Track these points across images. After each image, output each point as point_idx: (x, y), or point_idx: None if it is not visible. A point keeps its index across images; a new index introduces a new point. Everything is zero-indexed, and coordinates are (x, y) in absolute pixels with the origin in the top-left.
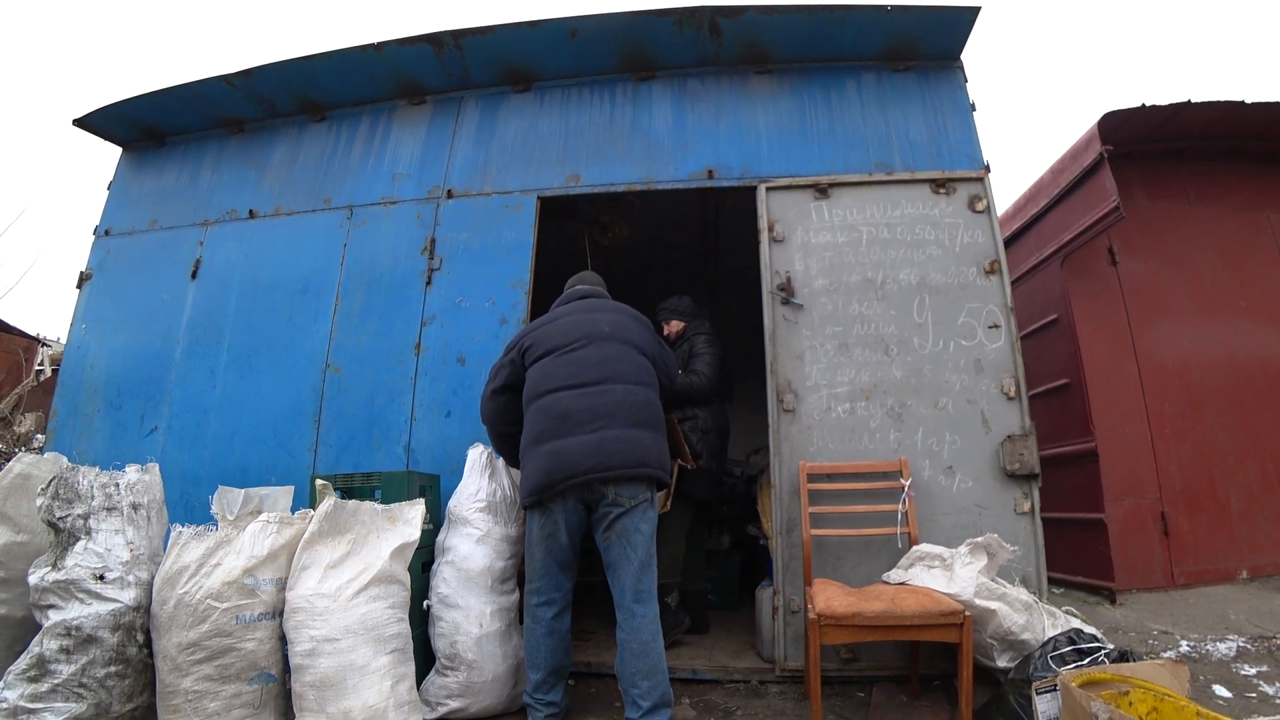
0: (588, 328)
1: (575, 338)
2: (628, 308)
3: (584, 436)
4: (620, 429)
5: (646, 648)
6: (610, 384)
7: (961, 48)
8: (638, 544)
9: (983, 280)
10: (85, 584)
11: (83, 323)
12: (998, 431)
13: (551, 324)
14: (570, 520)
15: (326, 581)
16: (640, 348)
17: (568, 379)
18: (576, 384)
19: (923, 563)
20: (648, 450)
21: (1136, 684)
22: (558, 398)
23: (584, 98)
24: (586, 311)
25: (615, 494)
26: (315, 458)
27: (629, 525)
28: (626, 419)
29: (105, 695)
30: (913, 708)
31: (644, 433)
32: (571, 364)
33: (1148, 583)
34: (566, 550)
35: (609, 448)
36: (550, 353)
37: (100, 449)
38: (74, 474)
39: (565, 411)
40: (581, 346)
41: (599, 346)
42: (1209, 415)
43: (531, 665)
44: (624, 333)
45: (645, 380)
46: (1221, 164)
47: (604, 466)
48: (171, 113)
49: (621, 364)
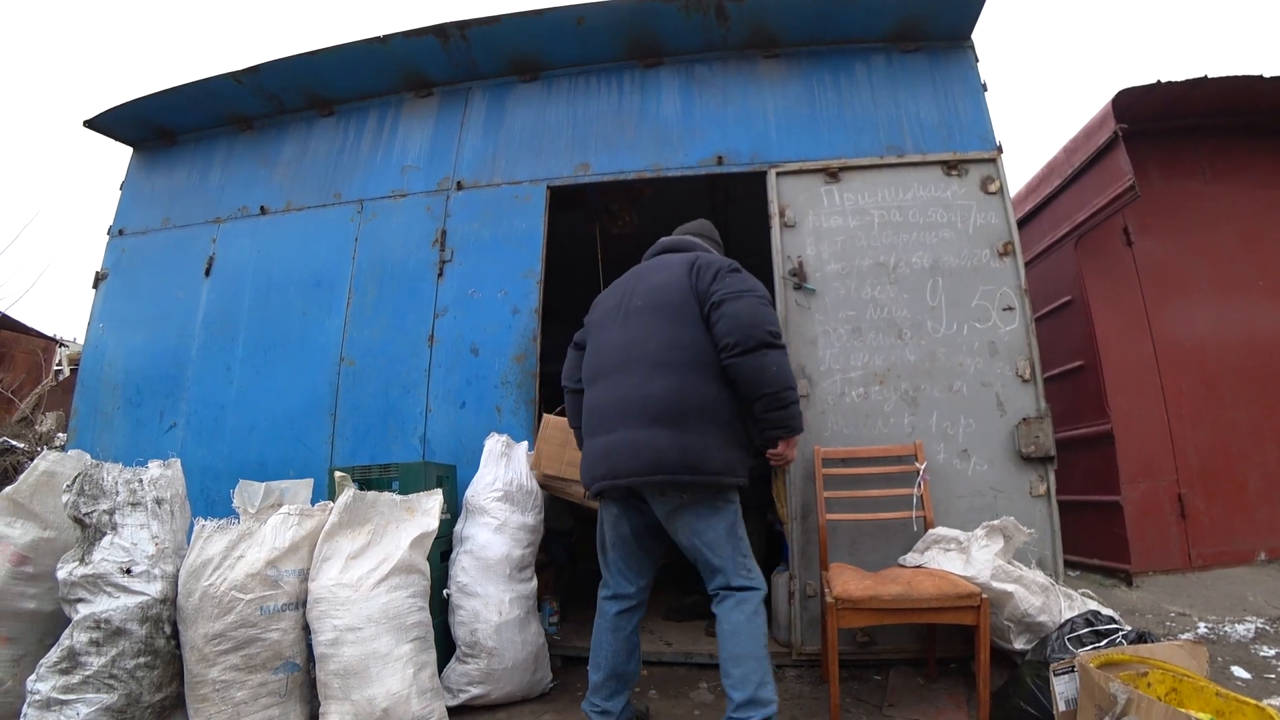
0: (625, 298)
1: (612, 315)
2: (693, 258)
3: (602, 439)
4: (633, 430)
5: (736, 630)
6: (627, 372)
7: (972, 27)
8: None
9: (996, 262)
10: (113, 578)
11: (100, 322)
12: (1012, 414)
13: (609, 290)
14: (630, 515)
15: (348, 572)
16: (685, 310)
17: (597, 369)
18: (601, 375)
19: (939, 546)
20: (660, 452)
21: (1155, 665)
22: (590, 394)
23: (592, 86)
24: (636, 277)
25: (654, 498)
26: (332, 450)
27: (681, 524)
28: (641, 416)
29: (135, 686)
30: (930, 690)
31: (661, 432)
32: (603, 349)
33: (1164, 565)
34: (630, 545)
35: (617, 453)
36: (594, 330)
37: (121, 445)
38: (98, 470)
39: (591, 408)
40: (612, 324)
41: (625, 325)
42: (1226, 396)
43: (592, 664)
44: (663, 297)
45: (677, 359)
46: (1239, 140)
47: (615, 474)
48: (181, 111)
49: (647, 344)
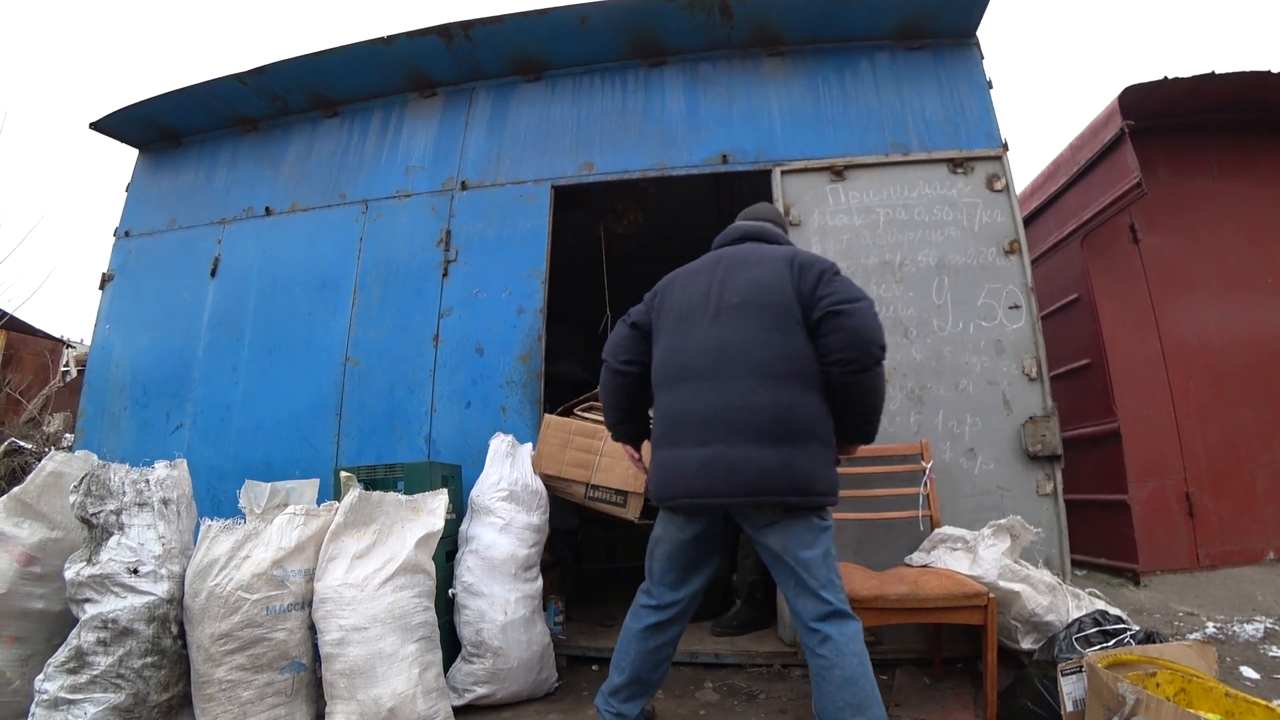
0: (716, 295)
1: (698, 310)
2: (791, 254)
3: (694, 450)
4: (736, 446)
5: (853, 675)
6: (726, 380)
7: (977, 24)
8: (807, 563)
9: (1002, 260)
10: (120, 578)
11: (106, 323)
12: (1019, 413)
13: (683, 280)
14: (697, 523)
15: (353, 572)
16: (791, 317)
17: (682, 370)
18: (689, 377)
19: (945, 545)
20: (767, 474)
21: (1164, 665)
22: (672, 397)
23: (596, 85)
24: (723, 269)
25: (738, 514)
26: (337, 450)
27: (786, 543)
28: (744, 431)
29: (142, 685)
30: (936, 690)
31: (768, 450)
32: (689, 346)
33: (1172, 564)
34: (688, 553)
35: (718, 470)
36: (672, 321)
37: (128, 446)
38: (105, 471)
39: (678, 416)
40: (699, 318)
41: (719, 323)
42: (1234, 394)
43: (615, 665)
44: (766, 297)
45: (789, 370)
46: (1247, 137)
47: (714, 492)
48: (186, 113)
49: (751, 350)
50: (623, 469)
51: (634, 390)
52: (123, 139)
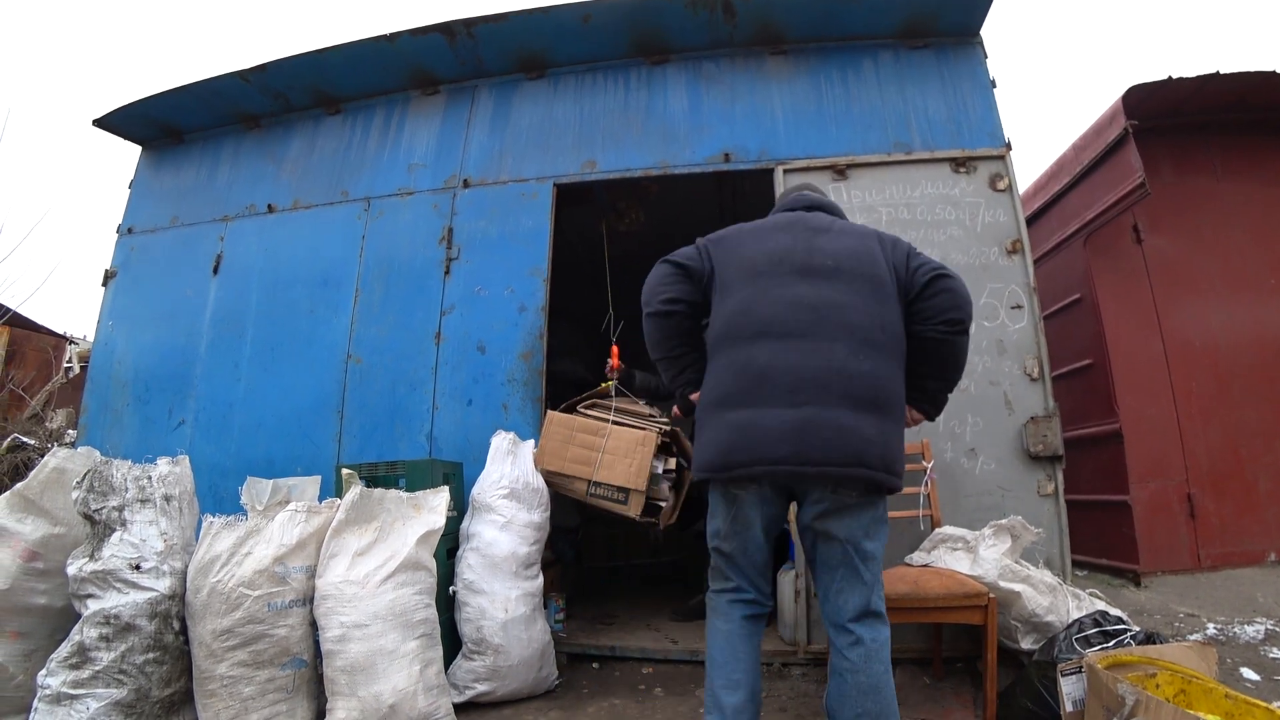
0: (804, 254)
1: (785, 266)
2: (873, 230)
3: (783, 411)
4: (837, 409)
5: (876, 684)
6: (829, 341)
7: (981, 23)
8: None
9: (1004, 260)
10: (122, 574)
11: (109, 320)
12: (1020, 413)
13: (755, 235)
14: (767, 511)
15: (355, 569)
16: (886, 289)
17: (765, 324)
18: (774, 334)
19: (946, 545)
20: (867, 443)
21: (1164, 666)
22: (751, 352)
23: (598, 83)
24: (806, 230)
25: (820, 492)
26: (339, 448)
27: (854, 530)
28: (843, 396)
29: (144, 681)
30: (936, 689)
31: (865, 419)
32: (775, 303)
33: (1173, 565)
34: (763, 547)
35: (813, 435)
36: (746, 274)
37: (130, 443)
38: (107, 467)
39: (763, 372)
40: (783, 274)
41: (813, 282)
42: (1237, 395)
43: (725, 683)
44: (862, 266)
45: (883, 341)
46: (1251, 137)
47: (803, 459)
48: (188, 110)
49: (852, 314)
50: (624, 466)
51: (688, 330)
52: (125, 136)
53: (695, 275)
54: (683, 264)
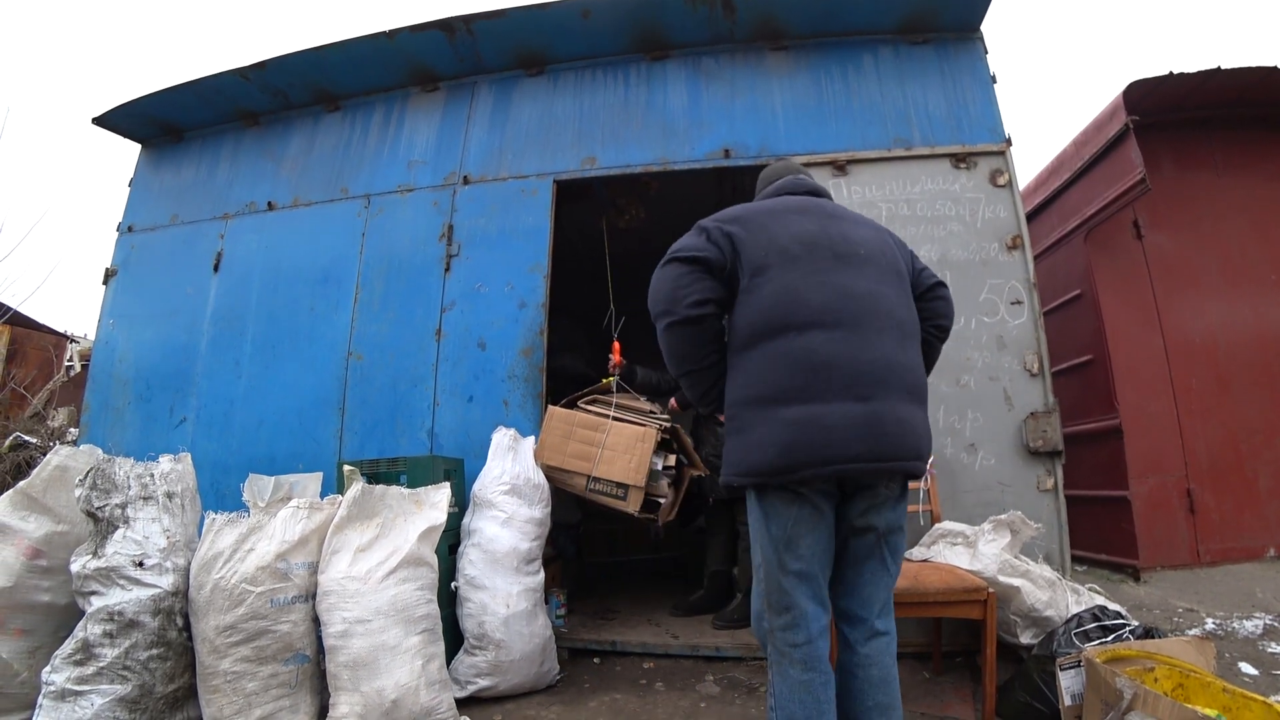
0: (836, 241)
1: (821, 251)
2: (880, 226)
3: (850, 406)
4: (896, 402)
5: (888, 676)
6: (876, 332)
7: (981, 18)
8: (897, 546)
9: (1005, 256)
10: (125, 570)
11: (110, 318)
12: (1020, 408)
13: (774, 216)
14: (827, 513)
15: (357, 565)
16: (905, 282)
17: (818, 313)
18: (827, 323)
19: (945, 540)
20: (920, 437)
21: (1162, 660)
22: (810, 340)
23: (598, 79)
24: (825, 216)
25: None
26: (340, 444)
27: (892, 521)
28: (902, 388)
29: (148, 677)
30: (936, 684)
31: (917, 411)
32: (825, 289)
33: (1173, 560)
34: (830, 553)
35: (882, 430)
36: (786, 259)
37: (132, 440)
38: (110, 465)
39: (825, 362)
40: (832, 267)
41: (855, 273)
42: (1237, 391)
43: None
44: (886, 257)
45: (914, 333)
46: (1252, 133)
47: (876, 455)
48: (188, 108)
49: (894, 307)
50: (624, 462)
51: (719, 333)
52: (125, 134)
53: (717, 268)
54: (702, 258)
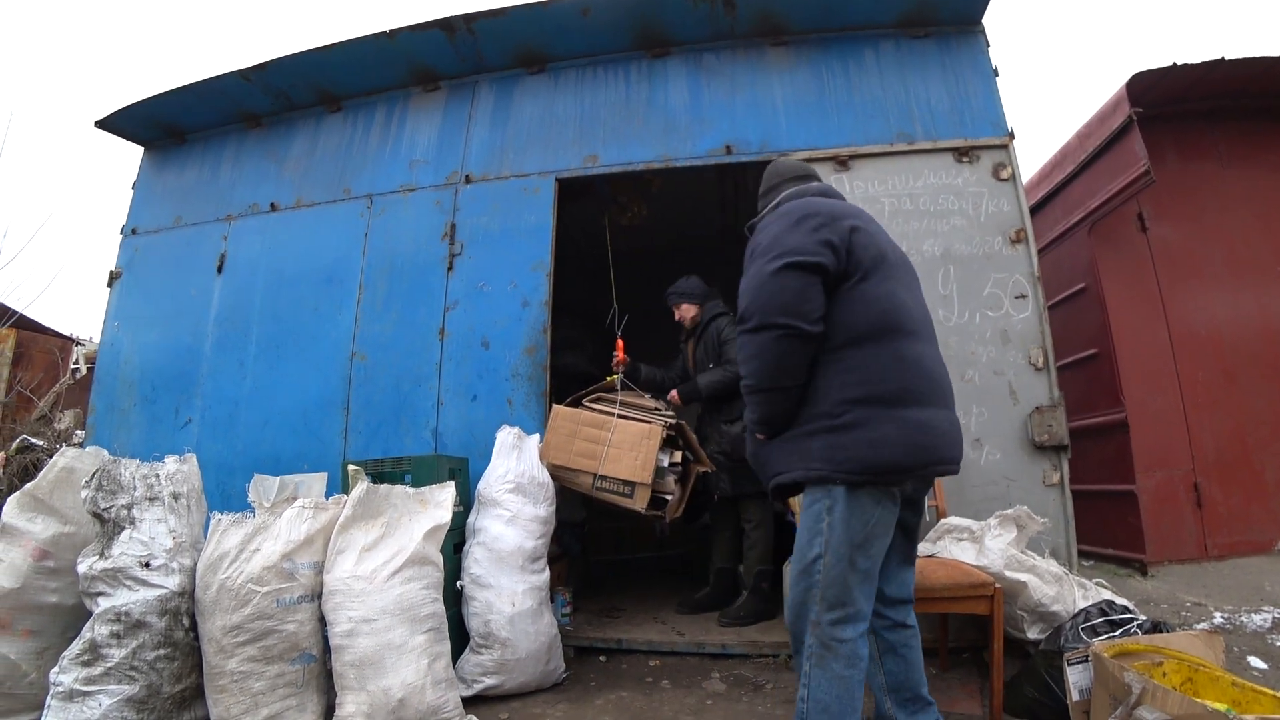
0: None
1: (904, 263)
2: None
3: (944, 412)
4: (949, 409)
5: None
6: (933, 342)
7: (983, 11)
8: (913, 538)
9: (1008, 250)
10: (132, 571)
11: (115, 320)
12: (1026, 403)
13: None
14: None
15: (362, 564)
16: None
17: (919, 321)
18: (924, 334)
19: (951, 535)
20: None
21: (1170, 655)
22: (916, 348)
23: (599, 77)
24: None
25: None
26: (345, 444)
27: (915, 513)
28: (948, 395)
29: (156, 677)
30: (942, 680)
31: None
32: (914, 299)
33: (1180, 554)
34: None
35: (957, 435)
36: (883, 265)
37: (137, 442)
38: (116, 466)
39: (930, 370)
40: (906, 275)
41: (910, 281)
42: (1244, 384)
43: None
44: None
45: None
46: (1257, 124)
47: (954, 458)
48: (190, 110)
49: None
50: (630, 460)
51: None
52: (128, 137)
53: (832, 276)
54: (824, 265)
